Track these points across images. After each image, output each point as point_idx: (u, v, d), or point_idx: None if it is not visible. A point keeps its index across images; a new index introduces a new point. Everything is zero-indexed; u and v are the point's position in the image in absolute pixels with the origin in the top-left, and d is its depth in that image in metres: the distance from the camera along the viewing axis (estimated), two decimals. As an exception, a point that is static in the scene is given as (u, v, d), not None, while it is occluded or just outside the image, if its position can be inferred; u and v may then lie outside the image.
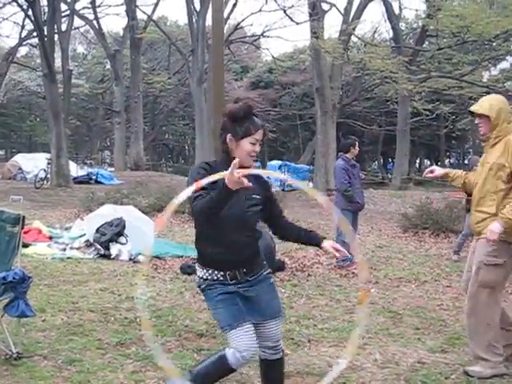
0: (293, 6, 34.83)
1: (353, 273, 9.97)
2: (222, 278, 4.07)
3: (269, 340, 4.23)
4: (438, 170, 5.99)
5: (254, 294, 4.14)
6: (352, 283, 9.28)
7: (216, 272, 4.07)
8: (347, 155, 10.71)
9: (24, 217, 5.53)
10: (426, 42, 38.75)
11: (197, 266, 4.19)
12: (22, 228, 5.51)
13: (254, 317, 4.12)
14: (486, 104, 5.50)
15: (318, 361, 5.63)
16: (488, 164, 5.44)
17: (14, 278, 5.23)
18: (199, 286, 4.17)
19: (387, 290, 8.82)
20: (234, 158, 3.75)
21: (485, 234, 5.34)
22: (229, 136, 4.05)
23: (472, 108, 5.62)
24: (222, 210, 3.75)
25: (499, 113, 5.40)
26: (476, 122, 5.61)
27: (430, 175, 6.00)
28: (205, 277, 4.10)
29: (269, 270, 4.37)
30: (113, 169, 43.06)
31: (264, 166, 40.06)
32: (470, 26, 25.30)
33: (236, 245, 4.06)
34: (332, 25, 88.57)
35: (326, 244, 4.24)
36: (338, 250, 4.20)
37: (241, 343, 3.95)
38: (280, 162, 35.83)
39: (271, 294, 4.26)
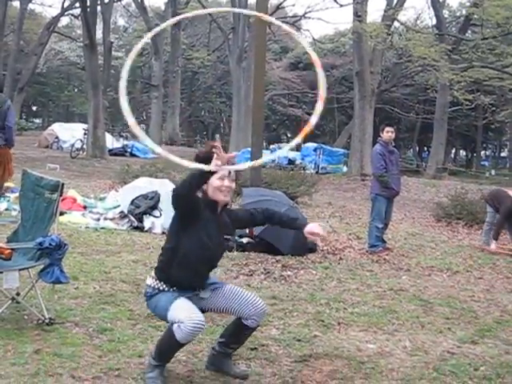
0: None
1: (384, 259, 9.93)
2: (177, 293, 4.38)
3: (257, 309, 4.52)
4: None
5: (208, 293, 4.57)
6: (383, 269, 9.24)
7: (172, 289, 4.40)
8: (384, 140, 10.60)
9: (63, 184, 5.55)
10: (469, 31, 38.25)
11: (152, 277, 4.49)
12: (61, 195, 5.54)
13: (218, 305, 4.58)
14: None
15: (347, 344, 5.61)
16: None
17: (50, 245, 5.26)
18: (150, 294, 4.46)
19: (419, 278, 8.77)
20: (212, 200, 4.39)
21: None
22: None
23: None
24: (198, 188, 4.20)
25: None
26: None
27: None
28: (161, 288, 4.41)
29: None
30: (148, 142, 43.12)
31: (298, 148, 39.98)
32: (517, 16, 24.90)
33: (202, 272, 4.53)
34: (375, 9, 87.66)
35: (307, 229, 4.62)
36: (313, 234, 4.59)
37: (184, 314, 4.17)
38: (315, 145, 35.63)
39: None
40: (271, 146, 36.37)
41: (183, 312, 4.17)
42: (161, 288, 4.38)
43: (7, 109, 10.50)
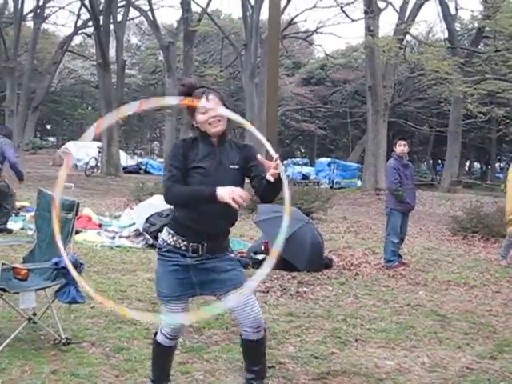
0: (350, 2, 34.60)
1: (401, 274, 9.87)
2: (184, 248, 4.14)
3: (250, 318, 4.22)
4: None
5: (211, 266, 4.17)
6: (400, 284, 9.19)
7: (180, 241, 4.12)
8: (398, 154, 10.55)
9: (79, 204, 5.57)
10: (481, 44, 38.19)
11: (165, 229, 4.27)
12: (76, 215, 5.55)
13: (212, 289, 4.21)
14: None
15: (364, 361, 5.56)
16: None
17: (66, 265, 5.27)
18: (160, 248, 4.23)
19: (435, 293, 8.71)
20: (204, 132, 4.13)
21: None
22: (189, 120, 4.26)
23: None
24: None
25: None
26: None
27: None
28: (169, 241, 4.17)
29: (232, 255, 4.60)
30: (162, 159, 43.27)
31: (312, 163, 39.97)
32: (529, 28, 24.87)
33: (209, 214, 4.06)
34: (387, 23, 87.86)
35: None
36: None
37: (167, 320, 4.17)
38: (329, 160, 35.68)
39: (232, 267, 4.26)
40: (285, 162, 36.42)
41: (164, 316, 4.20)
42: (172, 243, 4.15)
43: (1, 143, 10.69)
